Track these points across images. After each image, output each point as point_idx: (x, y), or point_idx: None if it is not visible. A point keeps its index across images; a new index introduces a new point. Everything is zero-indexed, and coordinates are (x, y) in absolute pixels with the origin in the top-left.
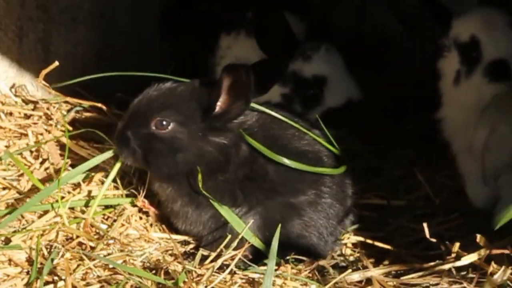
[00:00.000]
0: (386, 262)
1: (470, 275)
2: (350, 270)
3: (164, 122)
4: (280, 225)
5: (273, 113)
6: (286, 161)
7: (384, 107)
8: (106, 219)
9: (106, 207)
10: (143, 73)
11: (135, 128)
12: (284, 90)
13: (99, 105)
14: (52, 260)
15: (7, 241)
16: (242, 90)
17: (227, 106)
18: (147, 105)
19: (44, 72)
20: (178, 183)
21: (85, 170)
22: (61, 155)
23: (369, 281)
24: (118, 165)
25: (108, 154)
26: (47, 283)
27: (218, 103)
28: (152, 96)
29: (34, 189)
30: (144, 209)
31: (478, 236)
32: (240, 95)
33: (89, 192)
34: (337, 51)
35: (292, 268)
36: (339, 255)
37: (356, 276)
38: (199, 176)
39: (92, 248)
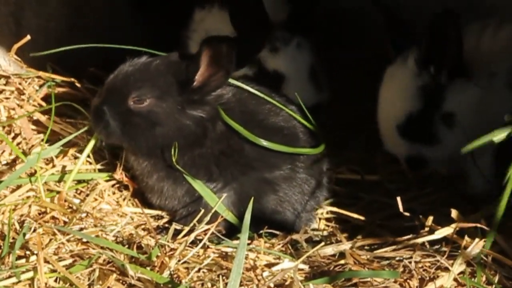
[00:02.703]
0: (359, 236)
1: (443, 248)
2: (323, 244)
3: (141, 97)
4: (253, 199)
5: (249, 88)
6: (264, 143)
7: (360, 83)
8: (79, 194)
9: (79, 181)
10: (117, 45)
11: (112, 104)
12: (248, 72)
13: (72, 80)
14: (24, 234)
15: None
16: (224, 62)
17: (206, 78)
18: (124, 80)
19: (16, 46)
20: (155, 157)
21: (65, 143)
22: (33, 130)
23: (342, 254)
24: (93, 142)
25: (85, 128)
26: (19, 257)
27: (196, 76)
28: (128, 71)
29: (8, 164)
30: (124, 182)
31: (453, 210)
32: (221, 67)
33: (63, 167)
34: (309, 48)
35: (265, 242)
36: (312, 230)
37: (329, 250)
38: (173, 151)
39: (65, 223)
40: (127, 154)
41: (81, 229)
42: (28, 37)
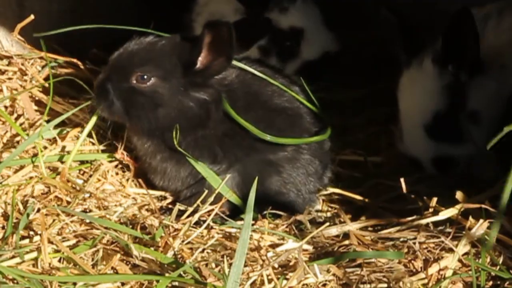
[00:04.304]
0: (363, 218)
1: (448, 229)
2: (327, 224)
3: (145, 77)
4: (257, 179)
5: (252, 70)
6: (268, 137)
7: (362, 63)
8: (82, 174)
9: (82, 162)
10: (119, 26)
11: (115, 81)
12: (260, 42)
13: (74, 60)
14: (28, 215)
15: None
16: (224, 47)
17: (208, 62)
18: (128, 58)
19: (19, 26)
20: (158, 138)
21: (68, 124)
22: (36, 110)
23: (346, 235)
24: (94, 119)
25: (88, 102)
26: (22, 238)
27: (199, 59)
28: (134, 50)
29: (8, 144)
30: (124, 162)
31: (458, 192)
32: (222, 52)
33: (63, 147)
34: (313, 2)
35: (269, 223)
36: (316, 211)
37: (334, 231)
38: (174, 133)
39: (68, 203)
40: (130, 134)
41: (85, 210)
42: (32, 17)
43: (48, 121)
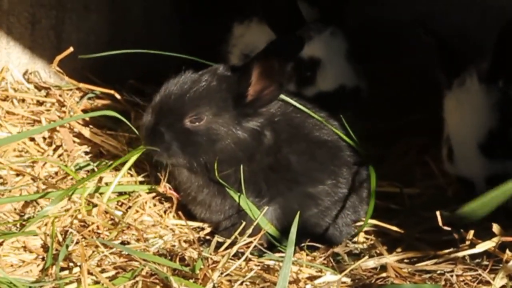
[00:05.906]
0: (399, 249)
1: (485, 262)
2: (366, 257)
3: (198, 116)
4: (298, 213)
5: (295, 102)
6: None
7: (396, 95)
8: (120, 206)
9: (120, 193)
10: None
11: (168, 124)
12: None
13: (112, 92)
14: (67, 246)
15: (23, 227)
16: (276, 76)
17: (258, 92)
18: (178, 100)
19: (58, 58)
20: (209, 172)
21: (106, 155)
22: (74, 142)
23: (383, 267)
24: (137, 155)
25: (140, 151)
26: (62, 269)
27: (249, 90)
28: (182, 91)
29: (47, 176)
30: (167, 195)
31: (494, 224)
32: (273, 81)
33: (100, 178)
34: (343, 37)
35: (307, 255)
36: (353, 243)
37: (371, 263)
38: (220, 167)
39: (107, 234)
40: (175, 169)
41: (123, 241)
42: (71, 49)
43: (86, 152)
